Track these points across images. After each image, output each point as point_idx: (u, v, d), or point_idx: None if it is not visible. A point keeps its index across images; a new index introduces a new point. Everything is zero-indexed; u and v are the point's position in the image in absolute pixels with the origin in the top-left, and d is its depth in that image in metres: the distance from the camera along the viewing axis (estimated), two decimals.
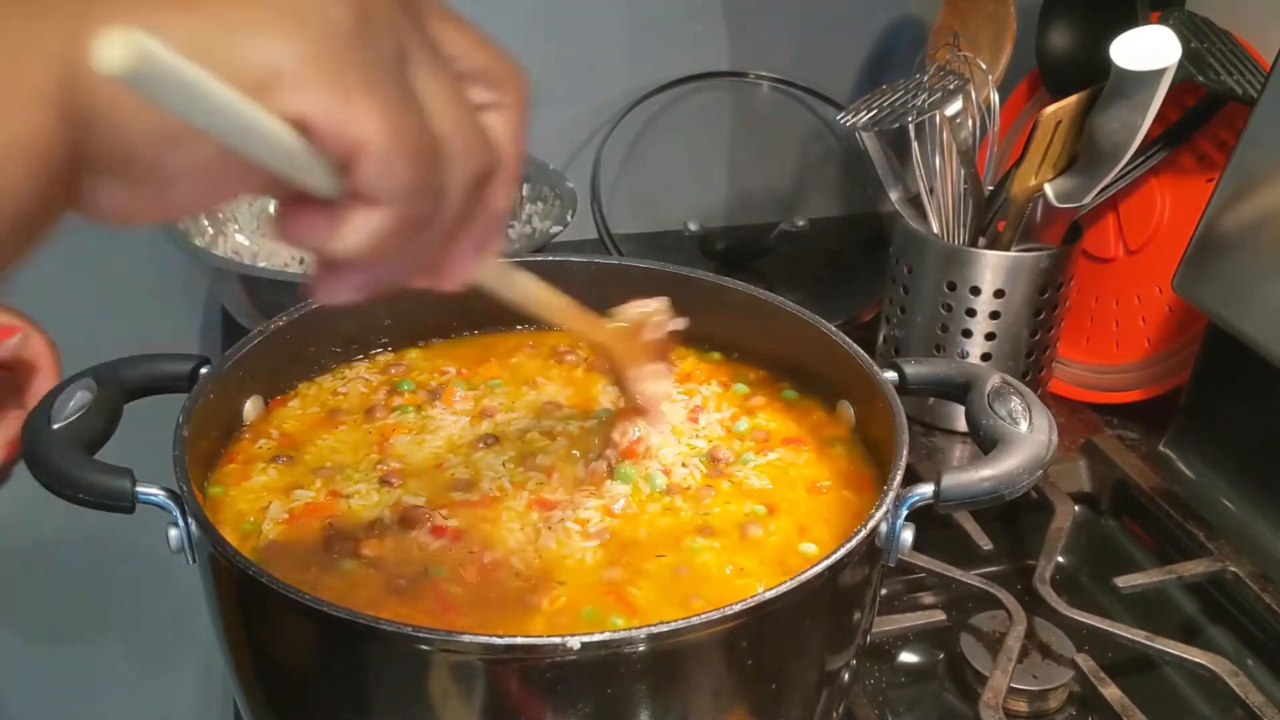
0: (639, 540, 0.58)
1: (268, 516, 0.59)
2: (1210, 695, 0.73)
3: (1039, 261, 0.86)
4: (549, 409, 0.68)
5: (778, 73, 1.20)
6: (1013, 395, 0.59)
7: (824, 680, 0.55)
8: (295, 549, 0.57)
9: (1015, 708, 0.69)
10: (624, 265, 0.74)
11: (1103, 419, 0.94)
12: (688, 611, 0.50)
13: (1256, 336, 0.77)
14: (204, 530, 0.50)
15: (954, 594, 0.78)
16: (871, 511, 0.52)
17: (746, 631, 0.48)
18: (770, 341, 0.71)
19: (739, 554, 0.58)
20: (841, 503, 0.62)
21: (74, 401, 0.56)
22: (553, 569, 0.56)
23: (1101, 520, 0.87)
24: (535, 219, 1.03)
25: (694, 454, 0.64)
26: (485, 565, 0.56)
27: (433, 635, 0.46)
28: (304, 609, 0.46)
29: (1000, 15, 0.95)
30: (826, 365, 0.67)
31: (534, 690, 0.47)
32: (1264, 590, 0.75)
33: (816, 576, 0.49)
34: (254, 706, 0.56)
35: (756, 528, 0.59)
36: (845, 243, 1.26)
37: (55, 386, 0.58)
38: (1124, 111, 0.78)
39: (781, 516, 0.61)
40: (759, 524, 0.60)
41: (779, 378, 0.72)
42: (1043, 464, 0.56)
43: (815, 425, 0.68)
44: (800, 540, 0.59)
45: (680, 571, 0.56)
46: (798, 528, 0.60)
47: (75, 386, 0.57)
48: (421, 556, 0.56)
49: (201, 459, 0.61)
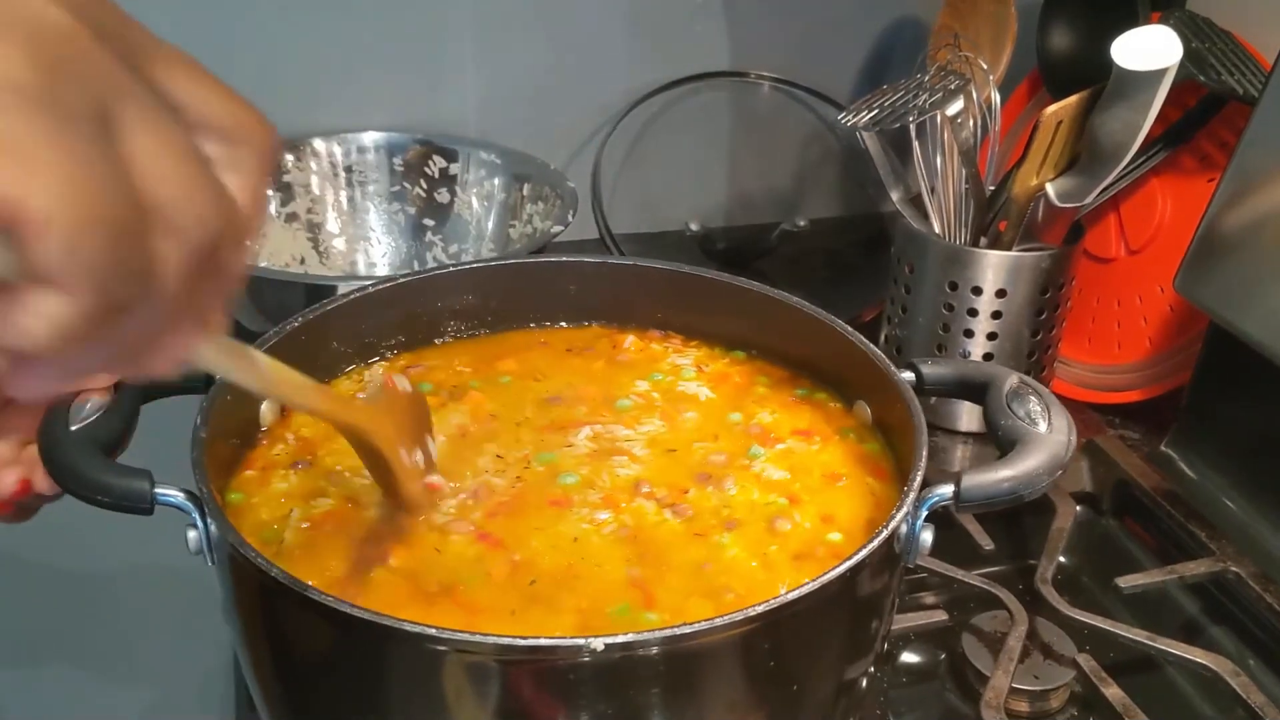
0: (662, 539, 0.58)
1: (289, 524, 0.58)
2: (1212, 695, 0.73)
3: (1040, 261, 0.86)
4: (558, 404, 0.68)
5: (779, 73, 1.20)
6: (1031, 396, 0.59)
7: (843, 684, 0.55)
8: (318, 556, 0.56)
9: (1017, 708, 0.69)
10: (638, 265, 0.74)
11: (1104, 419, 0.94)
12: (718, 604, 0.50)
13: (1258, 336, 0.77)
14: (224, 531, 0.50)
15: (955, 594, 0.78)
16: (892, 513, 0.52)
17: (767, 633, 0.48)
18: (786, 341, 0.71)
19: (764, 546, 0.58)
20: (865, 490, 0.62)
21: (91, 403, 0.56)
22: (577, 568, 0.56)
23: (1103, 520, 0.87)
24: (536, 219, 1.03)
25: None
26: (510, 567, 0.56)
27: (453, 636, 0.46)
28: (325, 610, 0.46)
29: (1001, 15, 0.95)
30: (843, 365, 0.67)
31: (555, 691, 0.47)
32: (1265, 590, 0.75)
33: (838, 578, 0.48)
34: (271, 707, 0.56)
35: (784, 521, 0.59)
36: (846, 243, 1.26)
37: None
38: (1125, 111, 0.78)
39: (805, 507, 0.61)
40: (785, 516, 0.60)
41: (796, 376, 0.72)
42: (1062, 464, 0.55)
43: (829, 417, 0.68)
44: (827, 530, 0.59)
45: (706, 567, 0.56)
46: (821, 518, 0.60)
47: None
48: (445, 562, 0.56)
49: (220, 465, 0.60)
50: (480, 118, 1.13)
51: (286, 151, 1.05)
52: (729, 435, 0.66)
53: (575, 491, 0.61)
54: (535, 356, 0.73)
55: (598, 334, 0.75)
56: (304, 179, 1.06)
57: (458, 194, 1.08)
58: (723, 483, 0.62)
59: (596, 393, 0.69)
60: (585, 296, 0.75)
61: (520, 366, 0.72)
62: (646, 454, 0.64)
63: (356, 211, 1.08)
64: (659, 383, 0.71)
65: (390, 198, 1.09)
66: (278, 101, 1.05)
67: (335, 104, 1.08)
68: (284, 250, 1.04)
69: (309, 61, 1.06)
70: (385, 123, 1.09)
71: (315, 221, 1.07)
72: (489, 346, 0.74)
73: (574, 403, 0.69)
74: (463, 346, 0.74)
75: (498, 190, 1.07)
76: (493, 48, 1.10)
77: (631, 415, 0.68)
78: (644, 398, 0.69)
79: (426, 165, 1.08)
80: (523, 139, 1.10)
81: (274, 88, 1.05)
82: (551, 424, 0.67)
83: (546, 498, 0.60)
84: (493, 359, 0.72)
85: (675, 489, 0.61)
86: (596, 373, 0.72)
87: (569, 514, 0.59)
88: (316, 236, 1.07)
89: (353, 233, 1.08)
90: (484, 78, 1.11)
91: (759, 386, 0.71)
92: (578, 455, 0.64)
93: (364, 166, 1.08)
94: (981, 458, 0.91)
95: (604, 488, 0.61)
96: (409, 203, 1.09)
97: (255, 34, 1.03)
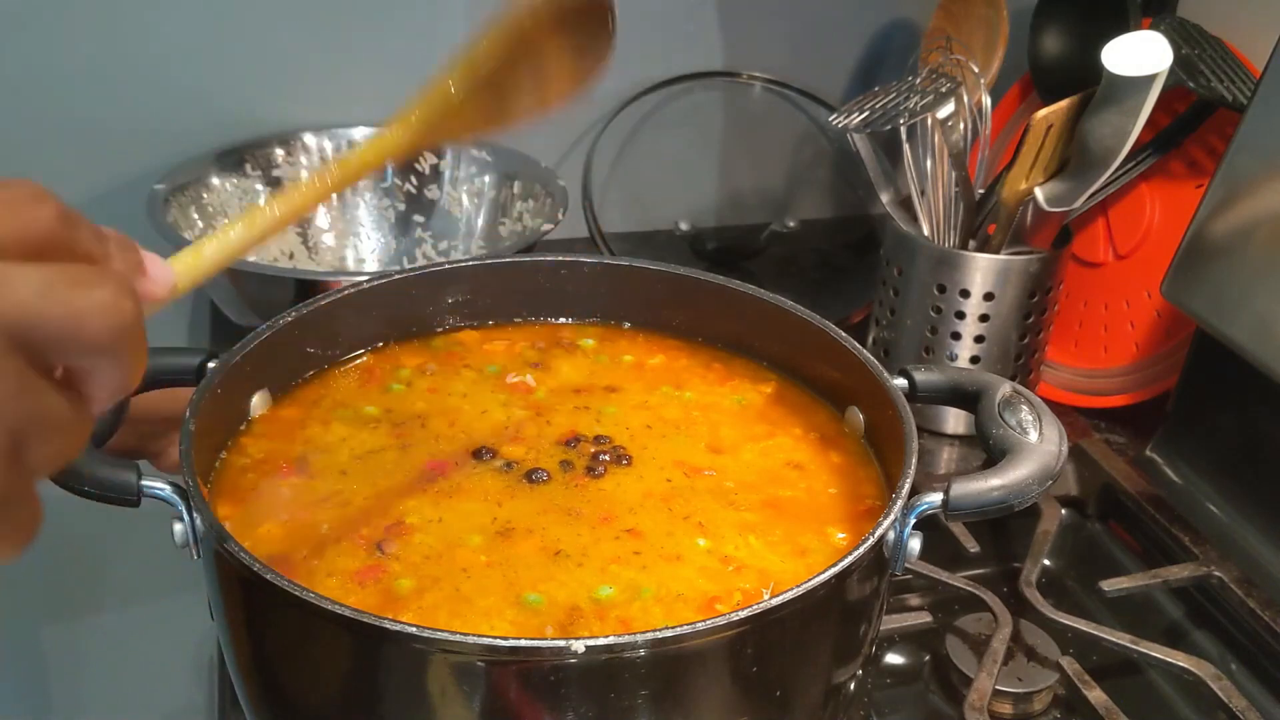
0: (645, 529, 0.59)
1: (275, 515, 0.58)
2: (1194, 699, 0.73)
3: (1029, 265, 0.86)
4: (513, 388, 0.69)
5: (770, 73, 1.20)
6: (1023, 405, 0.59)
7: (830, 690, 0.55)
8: (303, 548, 0.56)
9: (1000, 710, 0.69)
10: (633, 266, 0.74)
11: (1090, 423, 0.95)
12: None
13: (1244, 343, 0.77)
14: (209, 525, 0.50)
15: (940, 596, 0.78)
16: (879, 520, 0.52)
17: (753, 637, 0.48)
18: (778, 345, 0.71)
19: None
20: (855, 497, 0.63)
21: None
22: (564, 554, 0.56)
23: (1088, 524, 0.87)
24: (526, 217, 1.03)
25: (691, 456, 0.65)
26: (493, 555, 0.56)
27: (436, 635, 0.46)
28: (310, 607, 0.46)
29: (993, 19, 0.96)
30: (835, 370, 0.67)
31: (539, 692, 0.47)
32: (1248, 595, 0.75)
33: (824, 583, 0.49)
34: (254, 702, 0.56)
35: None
36: (836, 244, 1.26)
37: None
38: (1115, 117, 0.78)
39: (795, 507, 0.61)
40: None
41: (787, 380, 0.72)
42: (1053, 475, 0.55)
43: (818, 424, 0.68)
44: (825, 526, 0.60)
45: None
46: (815, 519, 0.61)
47: None
48: (421, 557, 0.56)
49: (207, 454, 0.60)
50: None
51: (277, 145, 1.04)
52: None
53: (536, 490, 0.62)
54: (497, 351, 0.74)
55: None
56: (294, 174, 1.05)
57: (448, 190, 1.08)
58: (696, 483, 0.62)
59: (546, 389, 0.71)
60: (580, 296, 0.75)
61: (484, 360, 0.73)
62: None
63: (346, 207, 1.08)
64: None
65: (380, 193, 1.09)
66: (268, 95, 1.06)
67: (326, 98, 1.07)
68: (273, 245, 1.03)
69: (300, 54, 1.05)
70: (376, 118, 1.08)
71: (305, 217, 1.06)
72: (461, 340, 0.74)
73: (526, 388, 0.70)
74: (443, 340, 0.74)
75: (488, 187, 1.07)
76: None
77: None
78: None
79: (417, 161, 1.08)
80: (514, 136, 1.10)
81: (265, 81, 1.05)
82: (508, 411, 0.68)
83: (514, 493, 0.61)
84: (450, 355, 0.73)
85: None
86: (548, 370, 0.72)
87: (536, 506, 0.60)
88: (305, 232, 1.06)
89: (342, 228, 1.08)
90: None
91: (740, 399, 0.71)
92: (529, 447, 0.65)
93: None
94: (968, 460, 0.92)
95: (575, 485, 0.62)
96: (399, 199, 1.09)
97: (247, 27, 1.03)
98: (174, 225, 0.93)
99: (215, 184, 1.01)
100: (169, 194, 0.95)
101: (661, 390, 0.70)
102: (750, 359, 0.73)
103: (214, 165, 1.01)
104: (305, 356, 0.69)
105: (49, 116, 1.01)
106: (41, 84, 1.00)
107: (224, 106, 1.04)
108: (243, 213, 0.45)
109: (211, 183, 1.01)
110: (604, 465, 0.63)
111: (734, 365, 0.73)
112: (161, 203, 0.93)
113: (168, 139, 1.03)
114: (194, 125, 1.04)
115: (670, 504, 0.60)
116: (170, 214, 0.94)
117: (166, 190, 0.95)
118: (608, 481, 0.62)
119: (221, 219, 1.01)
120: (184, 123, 1.04)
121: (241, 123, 1.05)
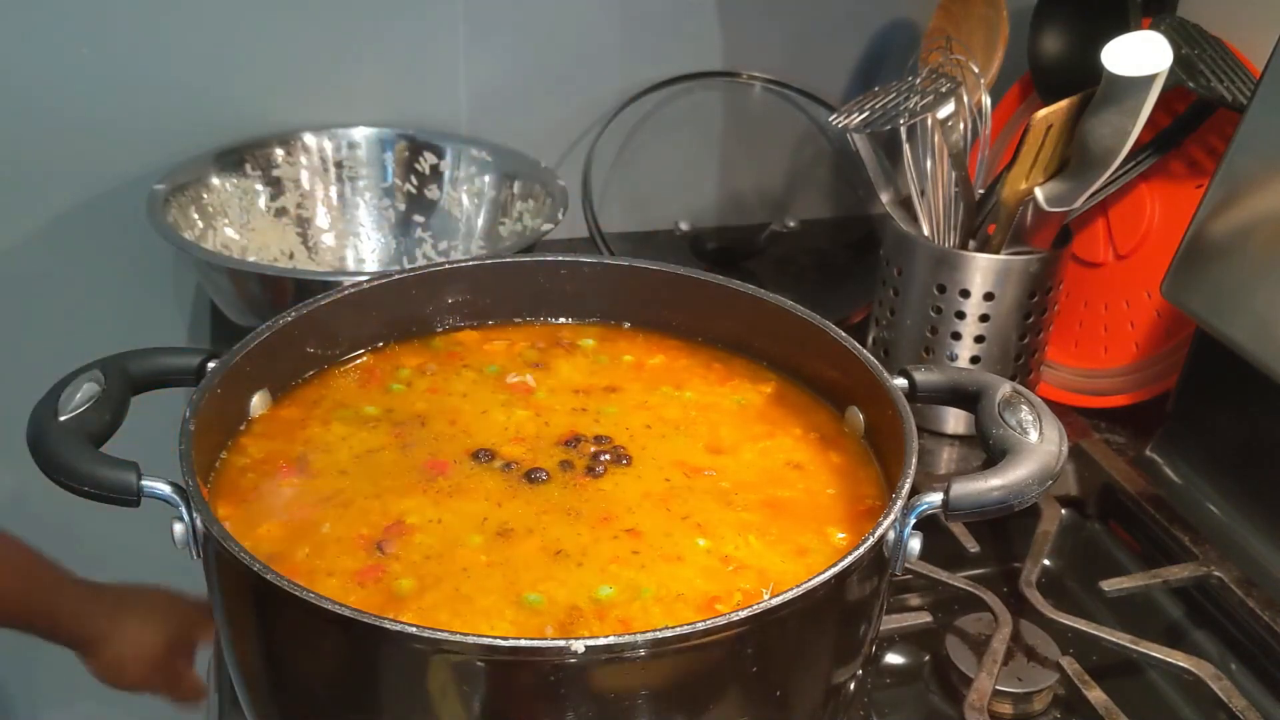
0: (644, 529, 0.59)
1: (275, 515, 0.58)
2: (1194, 699, 0.73)
3: (1029, 265, 0.86)
4: (512, 387, 0.69)
5: (770, 73, 1.20)
6: (1023, 405, 0.59)
7: (830, 690, 0.55)
8: (303, 548, 0.56)
9: (1000, 710, 0.69)
10: (633, 266, 0.74)
11: (1090, 423, 0.94)
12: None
13: (1244, 342, 0.77)
14: (209, 525, 0.50)
15: (940, 596, 0.78)
16: (879, 520, 0.52)
17: (753, 637, 0.48)
18: (778, 345, 0.71)
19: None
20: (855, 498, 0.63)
21: (81, 394, 0.56)
22: (566, 554, 0.57)
23: (1088, 524, 0.87)
24: (526, 217, 1.03)
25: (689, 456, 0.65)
26: (493, 555, 0.56)
27: (436, 635, 0.46)
28: (310, 607, 0.46)
29: (993, 19, 0.96)
30: (835, 370, 0.67)
31: (538, 692, 0.47)
32: (1248, 595, 0.75)
33: (824, 583, 0.49)
34: (255, 701, 0.56)
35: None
36: (836, 244, 1.26)
37: (63, 378, 0.57)
38: (1115, 117, 0.78)
39: (794, 507, 0.61)
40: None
41: (787, 380, 0.72)
42: (1052, 475, 0.55)
43: (818, 424, 0.68)
44: (825, 527, 0.60)
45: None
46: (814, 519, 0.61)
47: (82, 379, 0.57)
48: (421, 557, 0.56)
49: (207, 454, 0.60)
50: (471, 115, 1.12)
51: (277, 145, 1.05)
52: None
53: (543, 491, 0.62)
54: (497, 351, 0.74)
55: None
56: (294, 174, 1.05)
57: (448, 191, 1.08)
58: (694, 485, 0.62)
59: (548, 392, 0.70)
60: (583, 296, 0.75)
61: (485, 360, 0.73)
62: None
63: (346, 207, 1.08)
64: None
65: (380, 193, 1.09)
66: (269, 95, 1.06)
67: (326, 98, 1.07)
68: (273, 245, 1.03)
69: (301, 55, 1.05)
70: (376, 118, 1.09)
71: (305, 216, 1.06)
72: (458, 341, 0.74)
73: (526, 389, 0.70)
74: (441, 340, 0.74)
75: (488, 188, 1.07)
76: (484, 45, 1.10)
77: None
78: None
79: (417, 161, 1.08)
80: (514, 136, 1.10)
81: (266, 82, 1.05)
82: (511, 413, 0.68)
83: (514, 492, 0.61)
84: (450, 356, 0.73)
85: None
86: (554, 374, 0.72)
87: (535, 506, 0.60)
88: (306, 231, 1.06)
89: (342, 228, 1.08)
90: (475, 75, 1.11)
91: (740, 399, 0.71)
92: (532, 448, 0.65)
93: (354, 162, 1.08)
94: (968, 460, 0.92)
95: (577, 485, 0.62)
96: (399, 199, 1.09)
97: (247, 27, 1.03)
98: (174, 225, 0.93)
99: (215, 184, 1.01)
100: (169, 194, 0.95)
101: (661, 390, 0.70)
102: (750, 359, 0.73)
103: (214, 165, 1.01)
104: (305, 356, 0.69)
105: (49, 116, 1.01)
106: (41, 84, 1.00)
107: (224, 106, 1.04)
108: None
109: (211, 183, 1.01)
110: (604, 465, 0.63)
111: (734, 365, 0.73)
112: (161, 203, 0.93)
113: (168, 139, 1.03)
114: (194, 125, 1.04)
115: (670, 504, 0.61)
116: (170, 214, 0.94)
117: (166, 190, 0.95)
118: (607, 481, 0.62)
119: (221, 219, 1.01)
120: (184, 123, 1.04)
121: (241, 123, 1.05)
